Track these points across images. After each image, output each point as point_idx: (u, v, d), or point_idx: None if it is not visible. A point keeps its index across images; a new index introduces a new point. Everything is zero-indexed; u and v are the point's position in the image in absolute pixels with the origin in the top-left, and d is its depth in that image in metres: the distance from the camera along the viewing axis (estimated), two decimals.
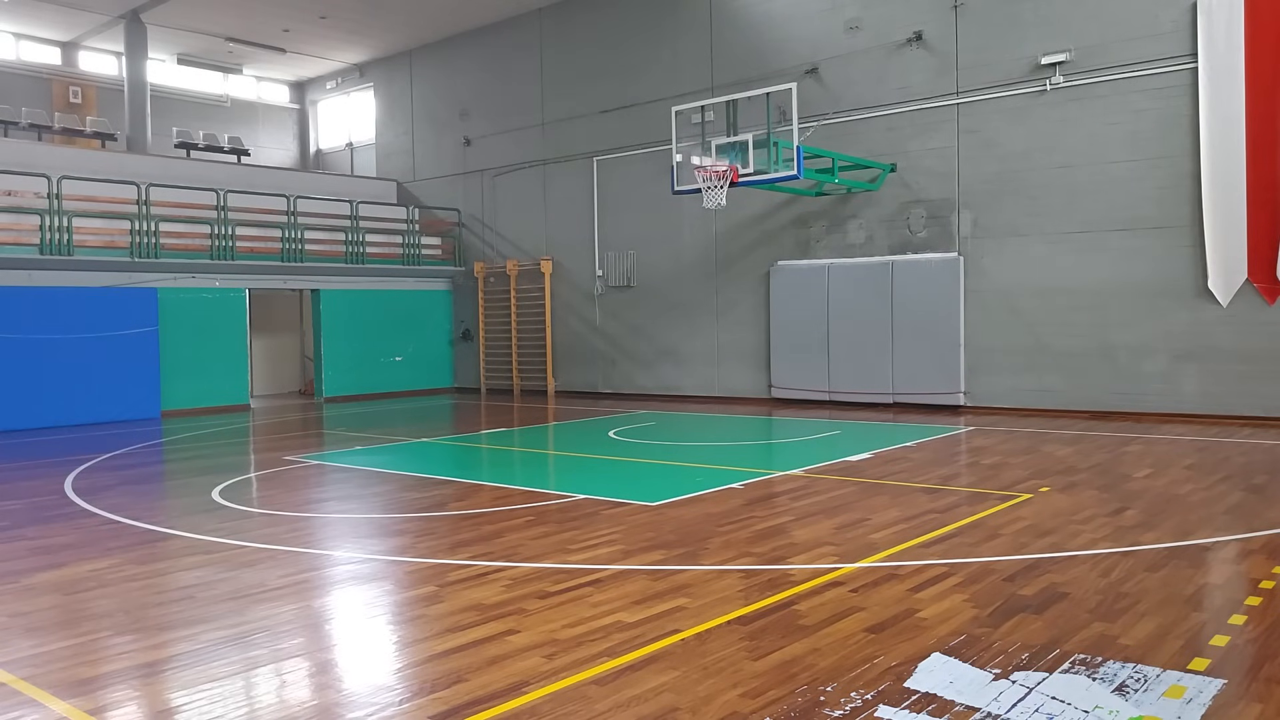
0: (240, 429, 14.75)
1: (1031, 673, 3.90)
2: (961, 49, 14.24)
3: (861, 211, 15.41)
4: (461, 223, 21.60)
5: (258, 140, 25.23)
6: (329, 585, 5.68)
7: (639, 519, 7.15)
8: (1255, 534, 6.28)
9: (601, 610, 4.88)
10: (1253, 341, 12.13)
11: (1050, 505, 7.31)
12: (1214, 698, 3.63)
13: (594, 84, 18.79)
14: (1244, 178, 12.07)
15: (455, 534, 6.84)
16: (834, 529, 6.66)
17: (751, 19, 16.51)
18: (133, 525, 7.37)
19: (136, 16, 20.07)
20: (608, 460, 10.64)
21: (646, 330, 18.29)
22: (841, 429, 12.73)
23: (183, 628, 4.79)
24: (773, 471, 9.32)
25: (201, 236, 17.49)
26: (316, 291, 19.48)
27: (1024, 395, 13.88)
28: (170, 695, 3.93)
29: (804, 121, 14.66)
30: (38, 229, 15.37)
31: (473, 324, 21.35)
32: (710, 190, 13.30)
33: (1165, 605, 4.77)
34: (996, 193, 14.05)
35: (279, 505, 8.16)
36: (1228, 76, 12.11)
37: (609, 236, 18.80)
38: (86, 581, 5.72)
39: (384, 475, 9.69)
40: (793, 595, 5.07)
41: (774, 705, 3.63)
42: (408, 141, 22.86)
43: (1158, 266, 12.79)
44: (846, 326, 15.36)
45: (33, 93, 21.47)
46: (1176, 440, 10.80)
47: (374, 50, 22.87)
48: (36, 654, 4.44)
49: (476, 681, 3.95)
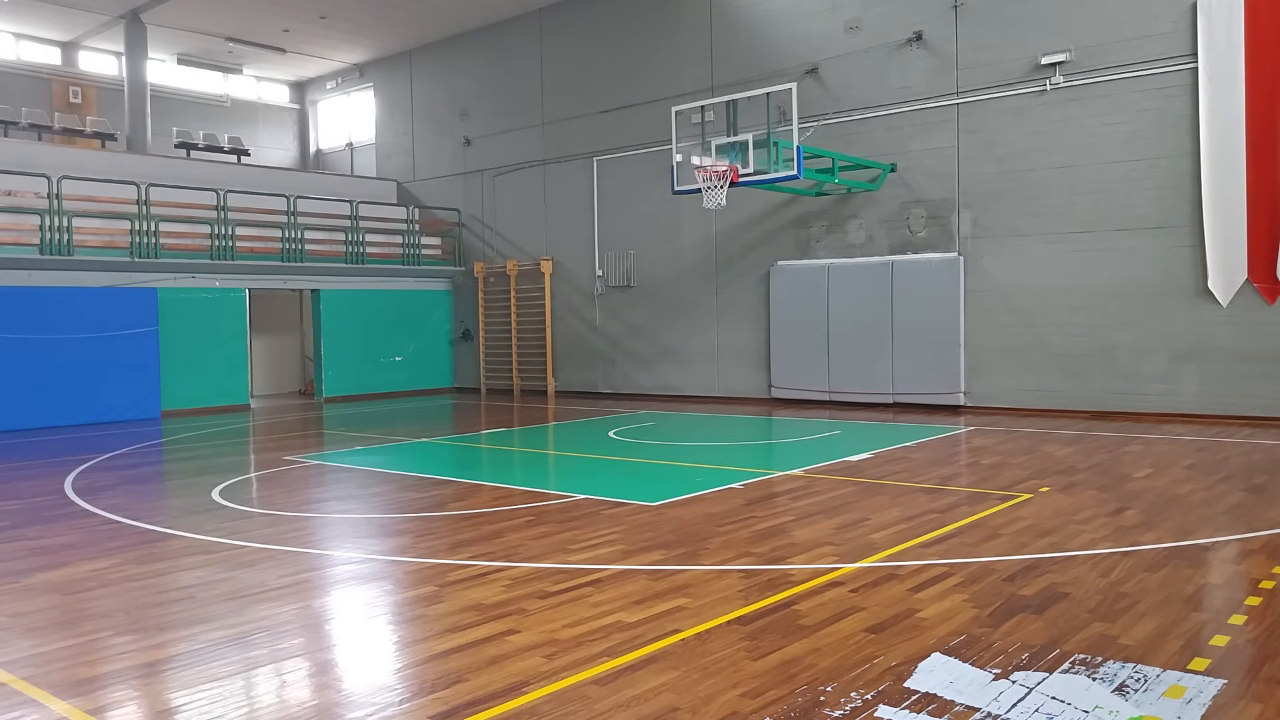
0: (240, 429, 14.74)
1: (1031, 673, 3.90)
2: (961, 49, 14.24)
3: (861, 211, 15.41)
4: (461, 223, 21.60)
5: (258, 140, 25.23)
6: (329, 585, 5.68)
7: (639, 519, 7.15)
8: (1255, 534, 6.28)
9: (601, 610, 4.88)
10: (1253, 341, 12.13)
11: (1050, 505, 7.31)
12: (1214, 698, 3.63)
13: (594, 84, 18.79)
14: (1244, 178, 12.07)
15: (455, 534, 6.84)
16: (834, 529, 6.66)
17: (751, 19, 16.51)
18: (133, 525, 7.37)
19: (136, 16, 20.07)
20: (608, 460, 10.64)
21: (646, 330, 18.29)
22: (841, 429, 12.73)
23: (183, 628, 4.79)
24: (773, 471, 9.31)
25: (201, 236, 17.49)
26: (316, 291, 19.48)
27: (1024, 395, 13.88)
28: (170, 695, 3.93)
29: (804, 121, 14.66)
30: (38, 229, 15.37)
31: (473, 324, 21.34)
32: (710, 190, 13.30)
33: (1165, 605, 4.77)
34: (996, 193, 14.05)
35: (279, 505, 8.15)
36: (1228, 76, 12.11)
37: (609, 236, 18.80)
38: (86, 581, 5.72)
39: (384, 475, 9.69)
40: (793, 595, 5.07)
41: (774, 705, 3.63)
42: (408, 141, 22.86)
43: (1158, 266, 12.79)
44: (846, 326, 15.36)
45: (33, 93, 21.47)
46: (1176, 440, 10.80)
47: (374, 50, 22.87)
48: (36, 654, 4.44)
49: (476, 681, 3.95)
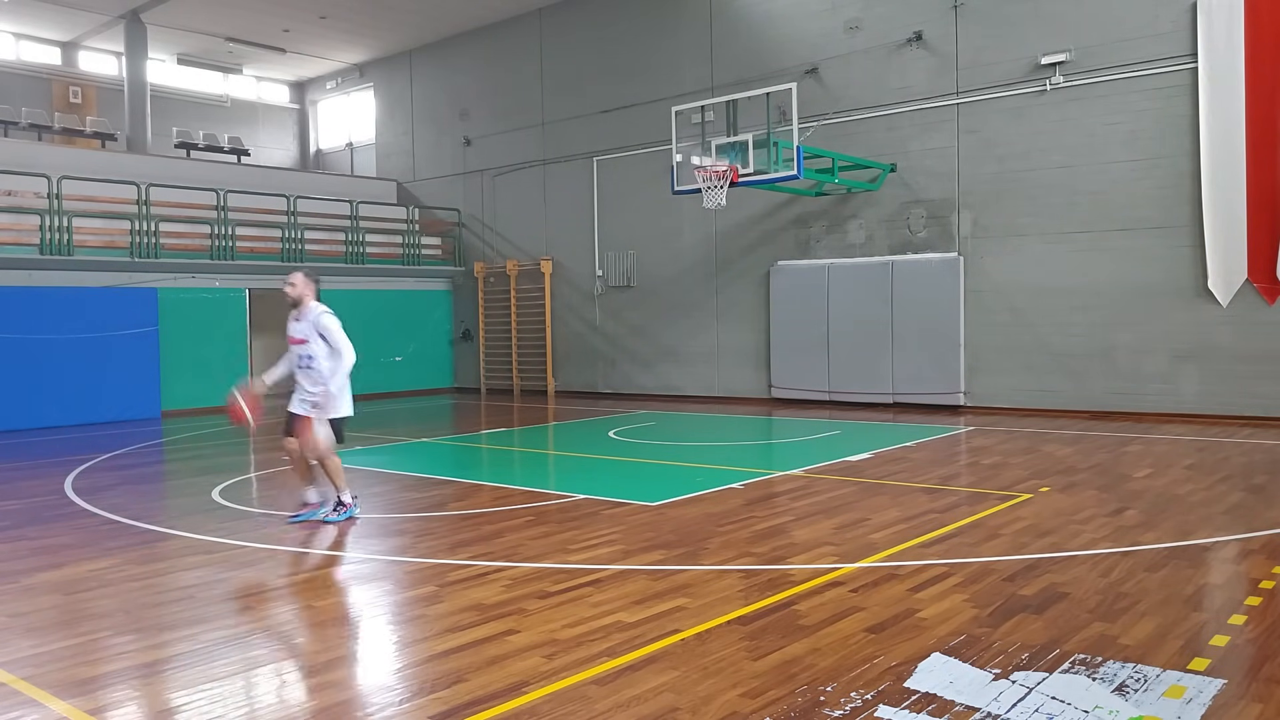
0: (240, 429, 14.72)
1: (1031, 673, 3.90)
2: (961, 49, 14.24)
3: (861, 211, 15.41)
4: (461, 223, 21.60)
5: (258, 140, 25.23)
6: (329, 585, 5.68)
7: (639, 519, 7.15)
8: (1255, 534, 6.28)
9: (601, 610, 4.88)
10: (1253, 341, 12.13)
11: (1050, 505, 7.31)
12: (1214, 698, 3.62)
13: (594, 84, 18.79)
14: (1244, 178, 12.07)
15: (455, 534, 6.84)
16: (834, 529, 6.66)
17: (751, 19, 16.51)
18: (133, 525, 7.37)
19: (136, 16, 20.07)
20: (608, 460, 10.64)
21: (646, 330, 18.29)
22: (841, 429, 12.73)
23: (183, 628, 4.79)
24: (773, 471, 9.31)
25: (201, 236, 17.49)
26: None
27: (1024, 395, 13.88)
28: (170, 695, 3.93)
29: (804, 121, 14.65)
30: (38, 229, 15.36)
31: (473, 324, 21.34)
32: (710, 190, 13.29)
33: (1165, 605, 4.77)
34: (996, 193, 14.05)
35: (279, 505, 8.16)
36: (1228, 77, 12.11)
37: (609, 236, 18.80)
38: (86, 581, 5.72)
39: (384, 475, 9.69)
40: (793, 595, 5.07)
41: (774, 705, 3.63)
42: (408, 141, 22.86)
43: (1157, 266, 12.79)
44: (846, 326, 15.35)
45: (33, 93, 21.46)
46: (1176, 440, 10.80)
47: (374, 50, 22.87)
48: (36, 654, 4.44)
49: (476, 681, 3.95)
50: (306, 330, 7.08)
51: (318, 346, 7.03)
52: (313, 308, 7.15)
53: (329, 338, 6.98)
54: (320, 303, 7.26)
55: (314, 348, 7.05)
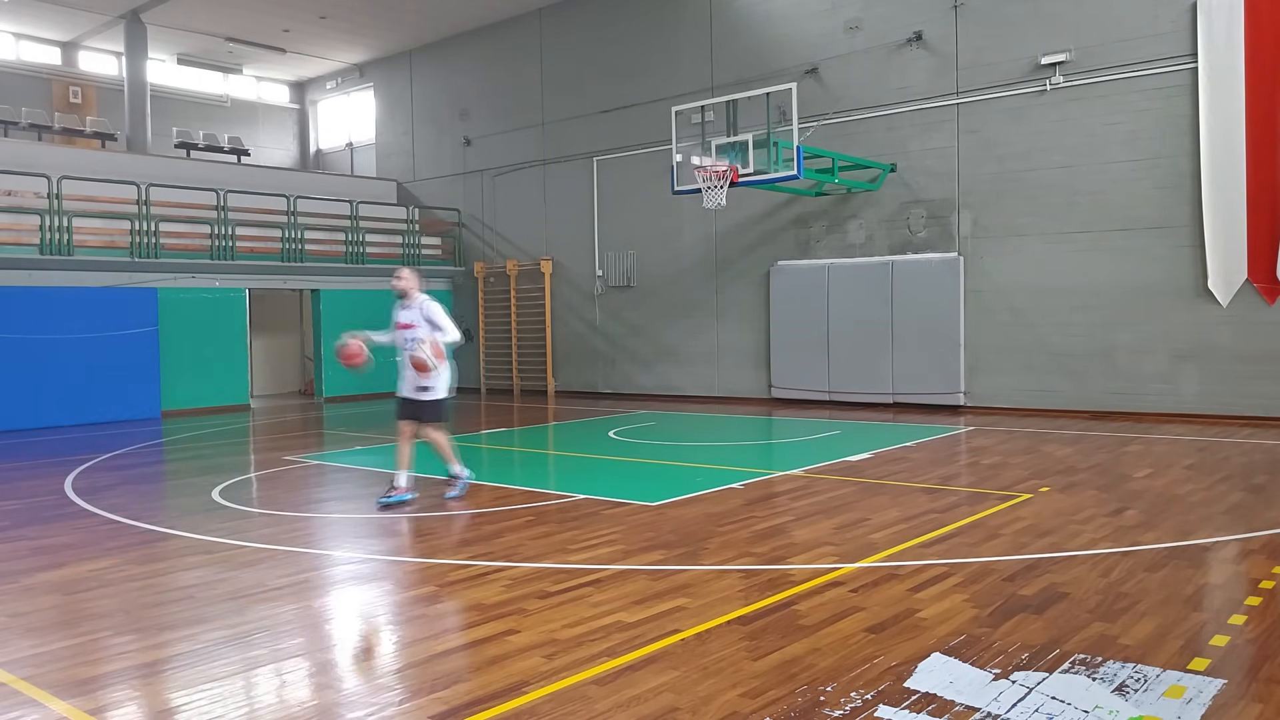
0: (240, 429, 14.74)
1: (1031, 673, 3.90)
2: (961, 49, 14.24)
3: (861, 211, 15.41)
4: (461, 223, 21.60)
5: (258, 140, 25.22)
6: (329, 585, 5.68)
7: (639, 519, 7.15)
8: (1255, 534, 6.28)
9: (601, 610, 4.88)
10: (1253, 341, 12.13)
11: (1050, 505, 7.31)
12: (1214, 698, 3.62)
13: (594, 84, 18.79)
14: (1244, 178, 12.06)
15: (455, 534, 6.84)
16: (834, 529, 6.66)
17: (751, 19, 16.51)
18: (133, 525, 7.37)
19: (136, 16, 20.07)
20: (608, 460, 10.64)
21: (646, 330, 18.29)
22: (841, 429, 12.73)
23: (183, 628, 4.79)
24: (773, 471, 9.31)
25: (201, 236, 17.48)
26: (316, 291, 19.48)
27: (1024, 395, 13.88)
28: (170, 695, 3.93)
29: (804, 121, 14.64)
30: (38, 229, 15.36)
31: (473, 324, 21.34)
32: (710, 190, 13.29)
33: (1165, 605, 4.77)
34: (996, 193, 14.05)
35: (279, 505, 8.16)
36: (1228, 76, 12.11)
37: (609, 236, 18.80)
38: (86, 581, 5.72)
39: (384, 475, 9.66)
40: (793, 595, 5.07)
41: (774, 705, 3.63)
42: (408, 141, 22.86)
43: (1157, 266, 12.79)
44: (846, 326, 15.35)
45: (33, 93, 21.46)
46: (1176, 440, 10.80)
47: (374, 50, 22.87)
48: (36, 654, 4.43)
49: (476, 681, 3.95)
50: (414, 316, 8.10)
51: (423, 330, 8.02)
52: (419, 297, 8.20)
53: (436, 319, 8.03)
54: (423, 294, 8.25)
55: (420, 331, 8.02)
